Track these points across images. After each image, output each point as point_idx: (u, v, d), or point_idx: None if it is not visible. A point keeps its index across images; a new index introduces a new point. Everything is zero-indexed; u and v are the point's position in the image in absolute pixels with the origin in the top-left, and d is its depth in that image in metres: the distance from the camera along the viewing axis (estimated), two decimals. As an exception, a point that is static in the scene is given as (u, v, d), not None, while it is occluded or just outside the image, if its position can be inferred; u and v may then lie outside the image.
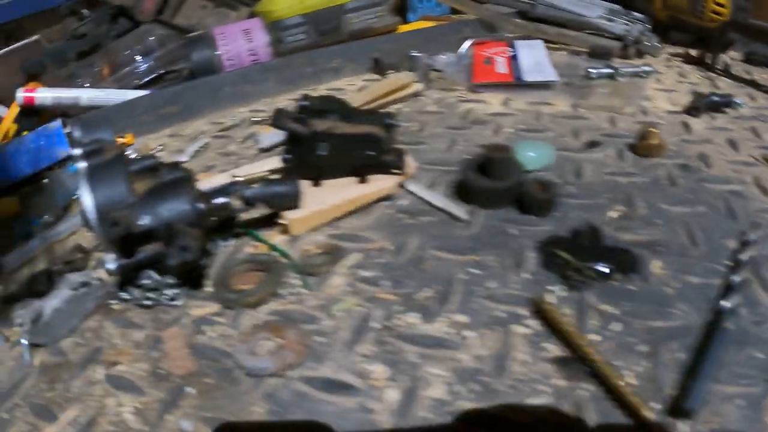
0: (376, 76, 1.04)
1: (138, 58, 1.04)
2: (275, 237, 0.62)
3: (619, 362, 0.45)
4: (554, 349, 0.47)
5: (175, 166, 0.59)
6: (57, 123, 0.89)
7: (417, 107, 0.88)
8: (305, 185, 0.62)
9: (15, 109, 0.99)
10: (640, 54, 1.07)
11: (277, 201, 0.59)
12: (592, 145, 0.75)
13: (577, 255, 0.55)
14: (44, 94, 0.97)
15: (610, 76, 0.95)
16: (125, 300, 0.56)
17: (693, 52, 1.07)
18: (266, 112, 0.96)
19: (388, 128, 0.63)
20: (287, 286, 0.55)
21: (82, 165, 0.56)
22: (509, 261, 0.56)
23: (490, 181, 0.62)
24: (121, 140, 0.94)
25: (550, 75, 0.91)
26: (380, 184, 0.64)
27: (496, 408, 0.43)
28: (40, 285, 0.61)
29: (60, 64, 1.05)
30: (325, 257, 0.57)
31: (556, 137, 0.77)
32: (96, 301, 0.57)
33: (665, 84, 0.95)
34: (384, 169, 0.64)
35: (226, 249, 0.61)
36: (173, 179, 0.57)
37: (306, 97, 0.62)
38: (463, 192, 0.65)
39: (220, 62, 1.03)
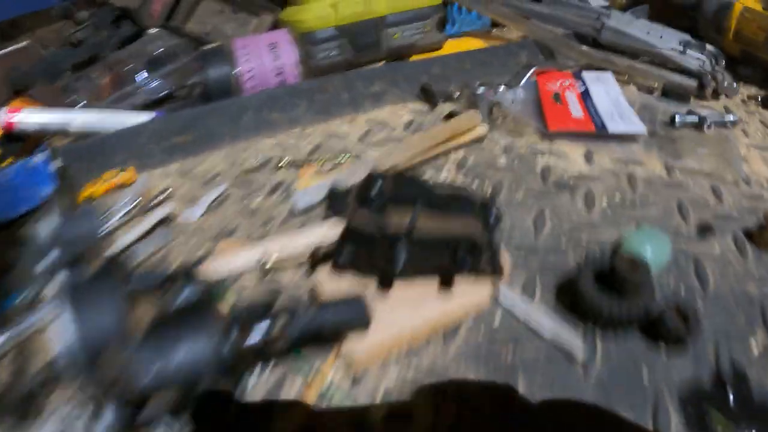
0: (424, 106, 0.84)
1: (144, 72, 0.83)
2: (330, 364, 0.44)
3: None
4: None
5: (190, 277, 0.41)
6: (42, 157, 0.69)
7: (484, 158, 0.70)
8: (369, 294, 0.44)
9: None
10: (716, 95, 0.90)
11: (337, 332, 0.41)
12: (705, 230, 0.58)
13: (725, 413, 0.40)
14: (27, 119, 0.77)
15: (696, 126, 0.78)
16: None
17: (773, 95, 0.90)
18: (296, 148, 0.76)
19: (486, 222, 0.44)
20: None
21: (60, 283, 0.37)
22: (648, 419, 0.40)
23: (615, 300, 0.45)
24: (121, 175, 0.74)
25: (637, 125, 0.73)
26: (469, 296, 0.46)
27: None
28: (18, 412, 0.43)
29: (52, 78, 0.84)
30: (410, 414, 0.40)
31: (662, 217, 0.60)
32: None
33: (754, 138, 0.79)
34: (475, 273, 0.46)
35: (265, 380, 0.43)
36: (190, 304, 0.39)
37: (376, 178, 0.43)
38: (573, 303, 0.47)
39: (240, 82, 0.82)
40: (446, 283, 0.46)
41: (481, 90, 0.75)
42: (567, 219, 0.59)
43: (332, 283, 0.47)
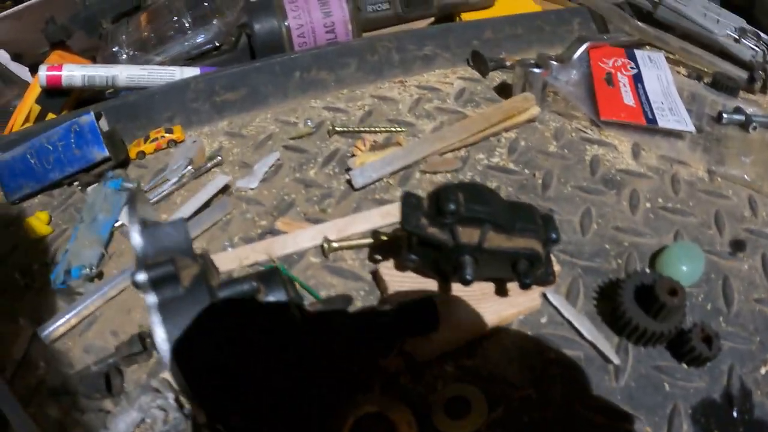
0: (474, 73, 0.84)
1: (187, 24, 0.81)
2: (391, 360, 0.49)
3: None
4: None
5: (273, 278, 0.43)
6: (89, 117, 0.69)
7: (535, 142, 0.72)
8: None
9: (36, 89, 0.78)
10: (765, 89, 0.89)
11: (411, 334, 0.46)
12: (738, 247, 0.62)
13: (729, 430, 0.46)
14: (72, 73, 0.76)
15: (742, 125, 0.78)
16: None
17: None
18: (347, 113, 0.77)
19: (546, 240, 0.48)
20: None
21: (152, 300, 0.39)
22: (664, 424, 0.46)
23: (653, 320, 0.49)
24: (168, 136, 0.75)
25: (686, 122, 0.74)
26: (523, 300, 0.51)
27: None
28: (99, 390, 0.48)
29: (91, 31, 0.81)
30: (464, 406, 0.45)
31: (699, 227, 0.63)
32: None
33: (795, 143, 0.79)
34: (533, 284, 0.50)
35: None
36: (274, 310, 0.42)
37: (448, 196, 0.45)
38: (612, 314, 0.52)
39: (289, 38, 0.80)
40: (501, 288, 0.51)
41: (537, 70, 0.74)
42: (612, 220, 0.63)
43: (396, 277, 0.51)
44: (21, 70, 1.00)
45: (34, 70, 1.01)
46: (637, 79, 0.81)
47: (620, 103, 0.77)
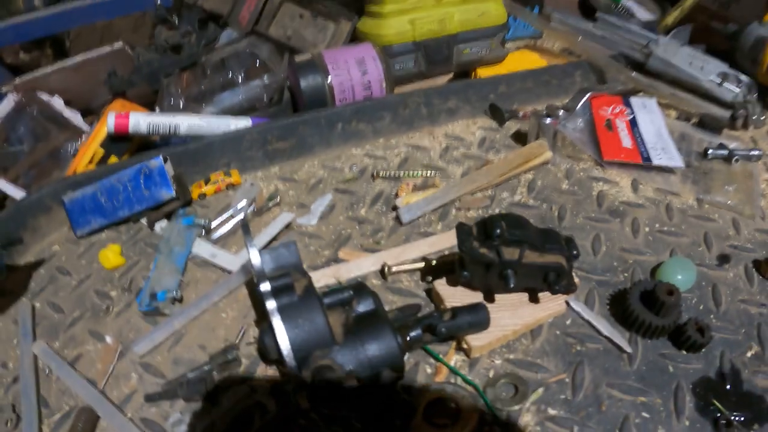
0: (492, 123, 1.05)
1: (239, 80, 1.02)
2: (450, 355, 0.67)
3: None
4: None
5: (363, 289, 0.62)
6: (158, 161, 0.88)
7: (549, 182, 0.92)
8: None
9: (102, 133, 0.97)
10: (746, 125, 1.11)
11: (467, 331, 0.64)
12: (724, 260, 0.81)
13: (723, 400, 0.63)
14: (138, 120, 0.95)
15: (726, 159, 0.99)
16: None
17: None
18: (386, 159, 0.97)
19: (569, 256, 0.67)
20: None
21: (272, 305, 0.58)
22: (670, 404, 0.63)
23: (655, 316, 0.68)
24: (227, 180, 0.94)
25: (676, 159, 0.95)
26: (552, 305, 0.69)
27: None
28: (198, 392, 0.64)
29: (152, 83, 1.02)
30: (512, 389, 0.63)
31: (691, 245, 0.82)
32: None
33: (773, 172, 1.00)
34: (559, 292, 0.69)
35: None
36: (367, 313, 0.61)
37: (495, 223, 0.65)
38: (623, 314, 0.71)
39: (332, 94, 1.02)
40: (534, 297, 0.70)
41: (548, 120, 0.96)
42: (618, 242, 0.82)
43: (449, 291, 0.70)
44: (73, 116, 1.19)
45: (85, 116, 1.21)
46: (633, 124, 1.03)
47: (619, 145, 0.98)
